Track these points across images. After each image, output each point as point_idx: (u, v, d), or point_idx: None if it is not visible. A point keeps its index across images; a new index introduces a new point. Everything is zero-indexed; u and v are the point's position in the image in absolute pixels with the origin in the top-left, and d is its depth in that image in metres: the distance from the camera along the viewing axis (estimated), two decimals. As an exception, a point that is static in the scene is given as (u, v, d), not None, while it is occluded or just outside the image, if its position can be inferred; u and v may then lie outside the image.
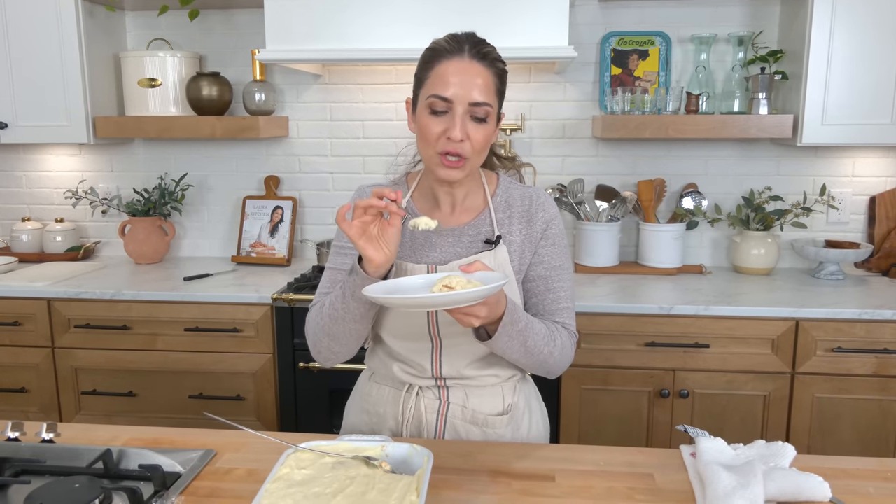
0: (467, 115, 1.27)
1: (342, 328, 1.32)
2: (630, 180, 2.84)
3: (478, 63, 1.27)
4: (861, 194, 2.78)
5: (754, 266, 2.69)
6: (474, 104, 1.26)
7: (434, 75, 1.29)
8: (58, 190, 3.09)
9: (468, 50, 1.28)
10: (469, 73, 1.26)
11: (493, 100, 1.29)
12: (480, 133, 1.28)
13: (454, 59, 1.28)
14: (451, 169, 1.29)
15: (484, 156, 1.34)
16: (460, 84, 1.26)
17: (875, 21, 2.35)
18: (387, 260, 1.23)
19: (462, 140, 1.26)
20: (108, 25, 2.83)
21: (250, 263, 2.91)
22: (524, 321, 1.27)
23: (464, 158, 1.28)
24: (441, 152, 1.28)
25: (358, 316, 1.30)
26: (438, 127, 1.28)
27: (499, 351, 1.29)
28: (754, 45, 2.67)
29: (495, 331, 1.24)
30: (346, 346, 1.37)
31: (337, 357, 1.40)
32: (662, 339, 2.29)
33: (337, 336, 1.34)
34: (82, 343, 2.51)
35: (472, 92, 1.26)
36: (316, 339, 1.39)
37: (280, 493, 1.02)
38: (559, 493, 1.17)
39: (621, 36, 2.74)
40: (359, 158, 2.95)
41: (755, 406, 2.30)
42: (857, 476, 1.23)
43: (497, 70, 1.31)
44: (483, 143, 1.30)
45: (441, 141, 1.27)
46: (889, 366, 2.23)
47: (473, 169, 1.34)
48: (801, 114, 2.43)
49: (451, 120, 1.26)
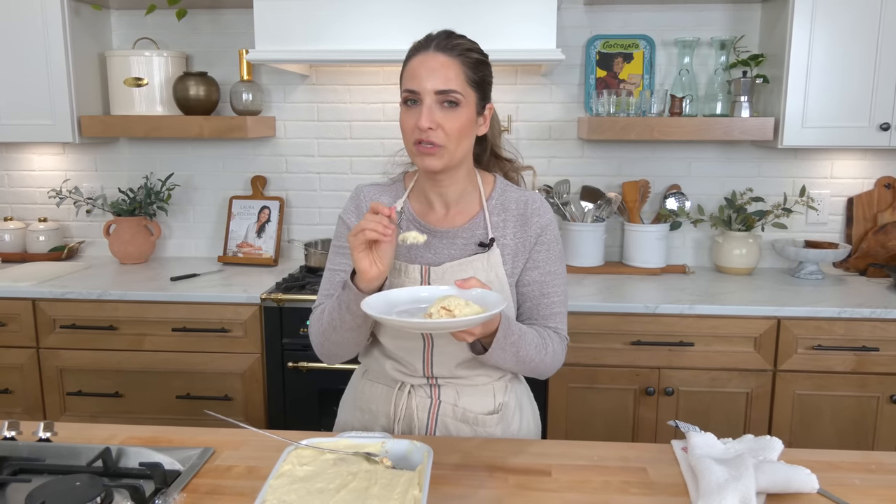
0: (436, 104, 1.30)
1: (340, 336, 1.37)
2: (615, 181, 2.88)
3: (442, 54, 1.31)
4: (839, 196, 2.85)
5: (736, 266, 2.74)
6: (440, 92, 1.30)
7: (405, 71, 1.35)
8: (41, 189, 3.07)
9: (434, 44, 1.33)
10: (434, 64, 1.31)
11: (462, 87, 1.31)
12: (452, 120, 1.31)
13: (420, 53, 1.33)
14: (426, 156, 1.32)
15: (465, 146, 1.36)
16: (425, 76, 1.30)
17: (854, 27, 2.41)
18: (379, 275, 1.27)
19: (431, 128, 1.30)
20: (93, 24, 2.81)
21: (237, 263, 2.91)
22: (517, 333, 1.31)
23: (437, 146, 1.31)
24: (415, 142, 1.32)
25: (354, 326, 1.34)
26: (411, 119, 1.32)
27: (492, 362, 1.34)
28: (736, 50, 2.72)
29: (489, 343, 1.28)
30: (347, 348, 1.41)
31: (339, 357, 1.44)
32: (648, 338, 2.33)
33: (337, 342, 1.39)
34: (68, 343, 2.49)
35: (436, 82, 1.30)
36: (318, 341, 1.43)
37: (284, 489, 1.04)
38: (556, 486, 1.20)
39: (606, 39, 2.78)
40: (346, 159, 2.96)
41: (738, 403, 2.35)
42: (842, 468, 1.27)
43: (468, 59, 1.33)
44: (458, 130, 1.32)
45: (415, 132, 1.31)
46: (867, 363, 2.28)
47: (454, 159, 1.35)
48: (782, 117, 2.48)
49: (420, 111, 1.31)
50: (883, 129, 2.44)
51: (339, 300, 1.33)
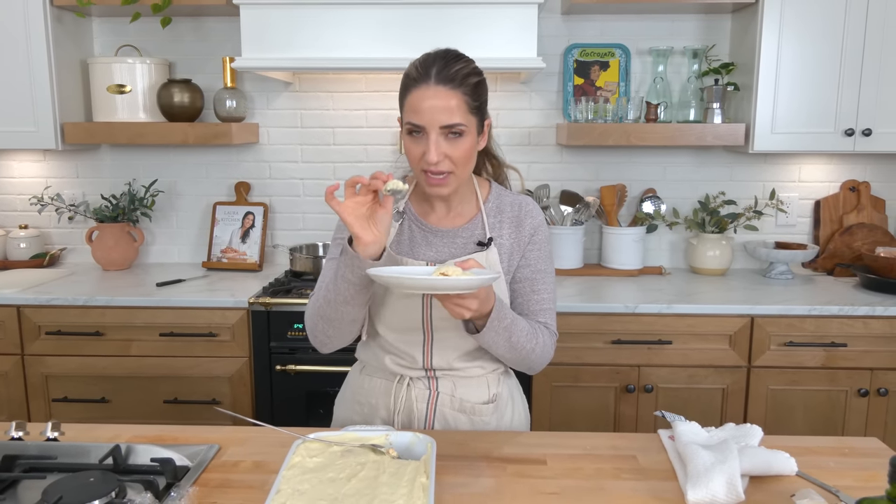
0: (441, 136, 1.34)
1: (335, 311, 1.37)
2: (593, 186, 2.96)
3: (444, 87, 1.33)
4: (807, 198, 2.96)
5: (710, 267, 2.83)
6: (445, 127, 1.34)
7: (407, 104, 1.37)
8: (21, 196, 3.06)
9: (434, 75, 1.34)
10: (437, 99, 1.33)
11: (465, 118, 1.35)
12: (458, 149, 1.36)
13: (421, 86, 1.34)
14: (436, 186, 1.39)
15: (470, 166, 1.43)
16: (429, 111, 1.33)
17: (820, 37, 2.52)
18: (374, 240, 1.29)
19: (439, 161, 1.34)
20: (75, 31, 2.82)
21: (221, 269, 2.92)
22: (510, 318, 1.37)
23: (447, 174, 1.37)
24: (423, 171, 1.38)
25: (349, 297, 1.33)
26: (418, 149, 1.37)
27: (485, 344, 1.39)
28: (708, 58, 2.82)
29: (483, 325, 1.33)
30: (340, 330, 1.41)
31: (331, 342, 1.44)
32: (628, 337, 2.40)
33: (331, 319, 1.39)
34: (53, 350, 2.49)
35: (440, 117, 1.33)
36: (312, 322, 1.43)
37: (297, 479, 1.08)
38: (552, 474, 1.26)
39: (583, 47, 2.86)
40: (329, 165, 3.00)
41: (714, 399, 2.43)
42: (818, 452, 1.35)
43: (468, 88, 1.36)
44: (464, 156, 1.38)
45: (422, 161, 1.36)
46: (836, 358, 2.39)
47: (461, 180, 1.42)
48: (753, 123, 2.58)
49: (426, 144, 1.34)
50: (848, 135, 2.55)
51: (336, 271, 1.33)
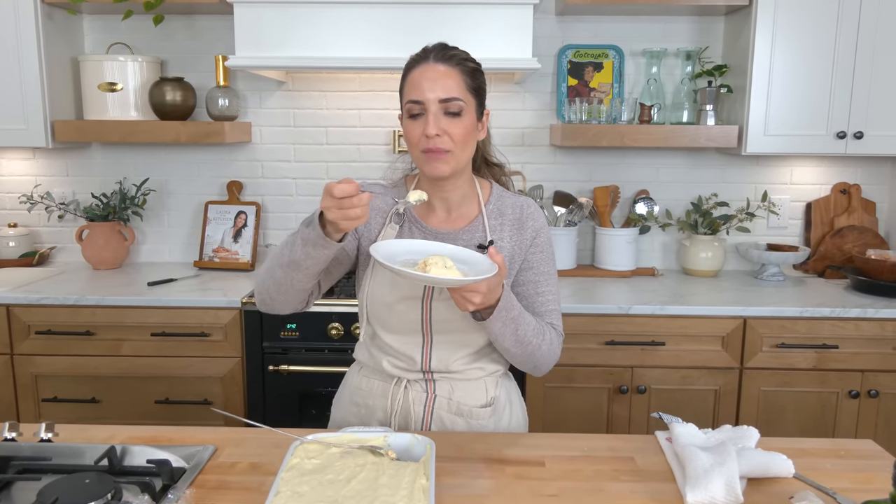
0: (441, 112, 1.37)
1: (285, 275, 1.32)
2: (586, 187, 2.97)
3: (442, 64, 1.39)
4: (798, 201, 2.98)
5: (702, 268, 2.84)
6: (444, 101, 1.37)
7: (407, 84, 1.41)
8: (10, 195, 3.03)
9: (433, 55, 1.40)
10: (435, 74, 1.38)
11: (463, 94, 1.39)
12: (456, 127, 1.38)
13: (421, 65, 1.40)
14: (435, 161, 1.38)
15: (469, 151, 1.43)
16: (429, 86, 1.37)
17: (813, 40, 2.53)
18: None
19: (438, 135, 1.36)
20: (66, 28, 2.80)
21: (213, 268, 2.90)
22: (517, 310, 1.37)
23: (445, 151, 1.38)
24: (423, 150, 1.38)
25: (302, 264, 1.29)
26: (418, 129, 1.38)
27: (492, 336, 1.37)
28: (701, 60, 2.83)
29: (489, 316, 1.33)
30: (284, 293, 1.37)
31: (274, 304, 1.41)
32: (621, 338, 2.41)
33: (278, 280, 1.35)
34: (43, 350, 2.47)
35: (439, 91, 1.37)
36: (260, 279, 1.40)
37: (296, 481, 1.07)
38: (551, 476, 1.26)
39: (577, 49, 2.87)
40: (322, 164, 2.99)
41: (707, 400, 2.44)
42: (815, 455, 1.36)
43: (466, 68, 1.41)
44: (463, 136, 1.39)
45: (422, 140, 1.38)
46: (827, 360, 2.40)
47: (460, 164, 1.42)
48: (746, 125, 2.59)
49: (426, 120, 1.37)
50: (839, 137, 2.57)
51: (296, 235, 1.29)
